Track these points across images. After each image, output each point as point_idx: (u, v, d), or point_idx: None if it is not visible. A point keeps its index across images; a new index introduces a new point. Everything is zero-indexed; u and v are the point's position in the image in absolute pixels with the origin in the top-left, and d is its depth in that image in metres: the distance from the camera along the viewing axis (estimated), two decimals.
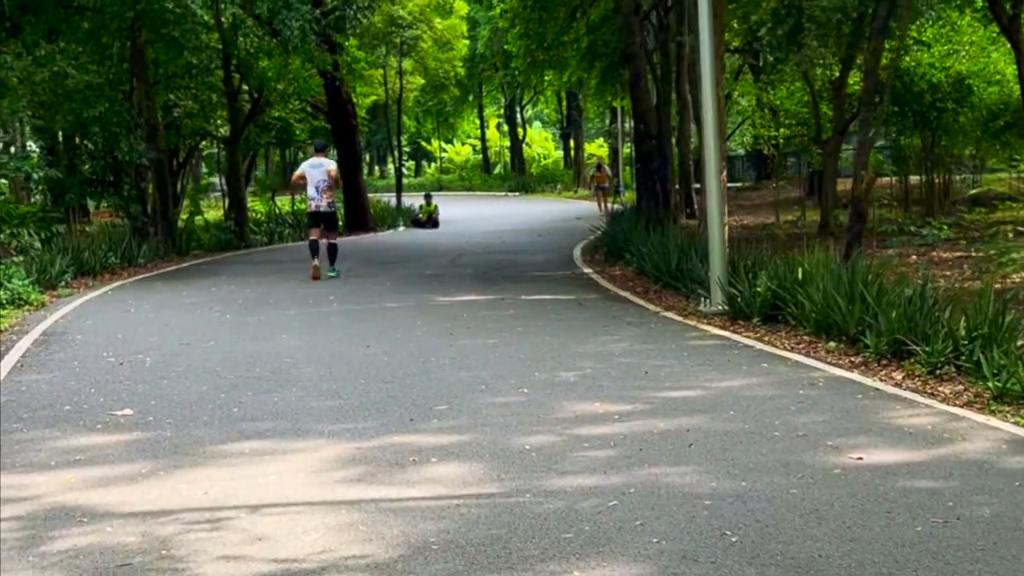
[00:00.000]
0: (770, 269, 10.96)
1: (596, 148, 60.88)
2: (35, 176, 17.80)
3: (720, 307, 11.47)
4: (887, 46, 26.17)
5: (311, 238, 16.75)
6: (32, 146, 27.12)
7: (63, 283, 16.20)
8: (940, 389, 7.68)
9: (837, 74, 24.54)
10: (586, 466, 5.96)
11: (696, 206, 31.11)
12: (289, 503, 5.53)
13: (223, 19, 23.95)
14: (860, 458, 5.93)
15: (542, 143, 68.64)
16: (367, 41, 35.65)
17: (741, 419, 6.90)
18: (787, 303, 10.33)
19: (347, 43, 28.95)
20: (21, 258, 16.26)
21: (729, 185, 39.93)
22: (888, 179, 28.84)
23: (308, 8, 22.90)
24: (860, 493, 5.32)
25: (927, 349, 8.10)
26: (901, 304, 8.75)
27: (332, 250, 16.75)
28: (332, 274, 16.54)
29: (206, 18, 21.98)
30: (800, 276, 10.29)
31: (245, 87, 26.74)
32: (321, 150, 17.70)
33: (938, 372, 7.96)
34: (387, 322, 11.83)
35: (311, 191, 16.61)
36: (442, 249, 22.27)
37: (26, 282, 14.68)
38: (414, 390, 8.16)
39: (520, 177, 56.57)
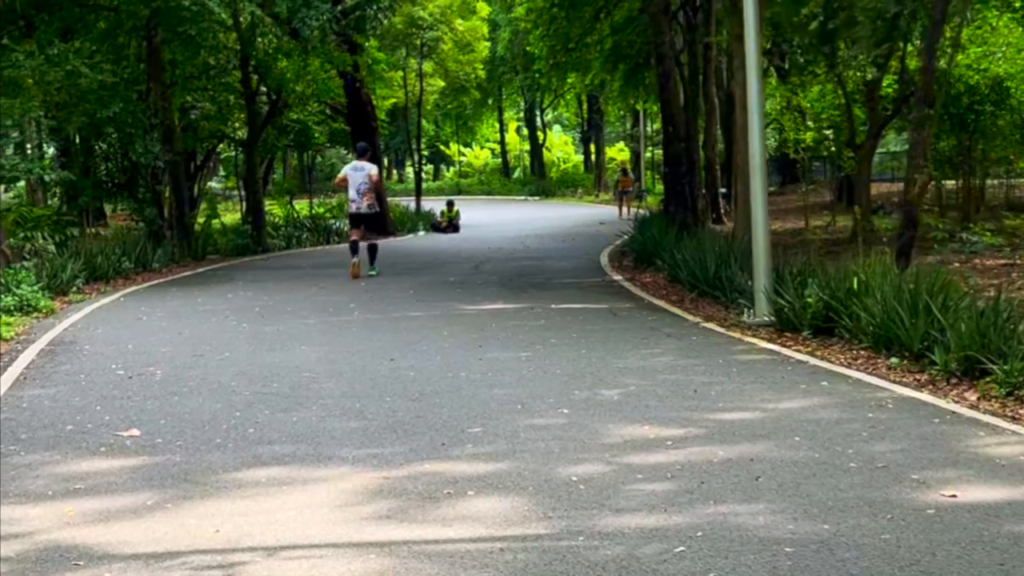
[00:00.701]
0: (821, 278, 10.28)
1: (616, 152, 60.23)
2: (47, 178, 17.25)
3: (765, 318, 10.80)
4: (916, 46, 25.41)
5: (352, 239, 17.27)
6: (48, 147, 26.70)
7: (74, 288, 15.63)
8: (1022, 412, 6.99)
9: (870, 76, 23.87)
10: (643, 502, 5.31)
11: (722, 211, 30.46)
12: (311, 544, 4.89)
13: (241, 19, 23.44)
14: (954, 495, 5.25)
15: (562, 147, 68.01)
16: (387, 43, 35.12)
17: (809, 446, 6.24)
18: (840, 315, 9.65)
19: (367, 44, 28.41)
20: (31, 262, 15.71)
21: None
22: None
23: (328, 7, 22.34)
24: (964, 540, 4.65)
25: (1004, 367, 7.42)
26: (972, 317, 8.06)
27: (372, 250, 17.25)
28: (373, 272, 17.05)
29: (223, 16, 21.45)
30: (855, 286, 9.60)
31: (263, 88, 26.22)
32: (363, 154, 17.83)
33: (1017, 393, 7.27)
34: (411, 333, 11.21)
35: (352, 193, 16.97)
36: (465, 254, 21.65)
37: (35, 288, 14.14)
38: (444, 410, 7.53)
39: (540, 181, 55.92)
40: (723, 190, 32.02)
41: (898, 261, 11.55)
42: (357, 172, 16.99)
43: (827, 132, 29.61)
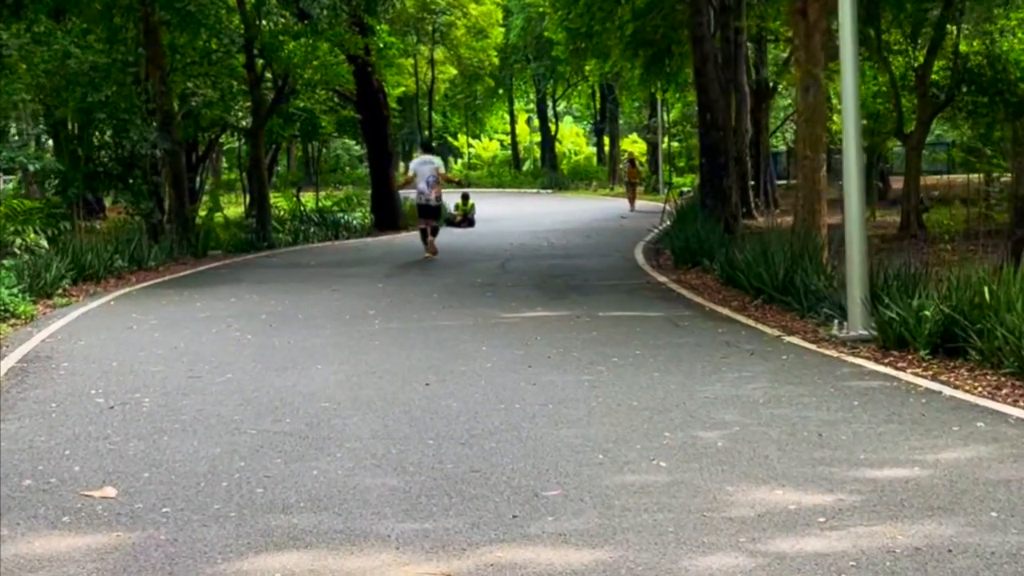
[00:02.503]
0: (942, 287, 8.65)
1: (630, 144, 58.53)
2: (31, 168, 15.65)
3: (863, 332, 9.16)
4: (965, 29, 23.77)
5: (421, 227, 18.63)
6: (47, 137, 25.07)
7: (60, 290, 14.04)
8: None
9: (920, 60, 22.25)
10: None
11: (752, 205, 28.84)
12: None
13: None
14: None
15: (573, 138, 66.34)
16: (398, 28, 33.49)
17: (1018, 529, 4.61)
18: (968, 332, 8.01)
19: (379, 27, 26.74)
20: (11, 261, 14.10)
21: (778, 182, 37.44)
22: (973, 176, 26.49)
23: None
24: None
25: None
26: None
27: (435, 231, 18.56)
28: (432, 253, 18.31)
29: None
30: (987, 297, 7.98)
31: (268, 75, 24.57)
32: (428, 148, 19.77)
33: None
34: (443, 347, 9.59)
35: (421, 186, 17.89)
36: (486, 252, 20.02)
37: (15, 290, 12.54)
38: (504, 459, 5.91)
39: (552, 174, 54.21)
40: (752, 183, 30.45)
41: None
42: (424, 166, 18.02)
43: (870, 123, 28.04)
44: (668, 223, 26.20)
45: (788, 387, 7.57)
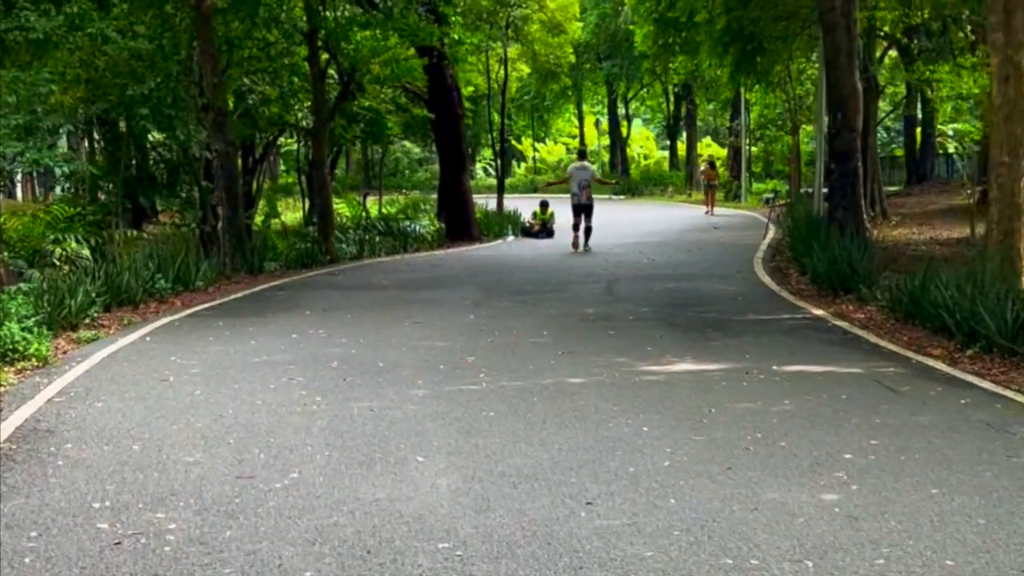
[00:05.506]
0: None
1: (703, 147, 55.57)
2: (58, 171, 13.29)
3: None
4: None
5: (574, 222, 20.99)
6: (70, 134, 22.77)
7: (87, 320, 11.64)
8: None
9: None
10: None
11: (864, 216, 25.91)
12: None
13: None
14: None
15: (643, 141, 63.52)
16: (470, 21, 30.91)
17: None
18: None
19: (453, 17, 24.19)
20: (28, 285, 11.72)
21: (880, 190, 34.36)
22: None
23: None
24: None
25: None
26: None
27: (588, 232, 20.86)
28: (587, 249, 20.65)
29: None
30: None
31: (332, 71, 22.14)
32: (584, 156, 24.38)
33: None
34: (586, 425, 6.92)
35: (574, 188, 20.80)
36: (581, 270, 17.36)
37: (30, 323, 10.11)
38: None
39: (625, 178, 51.34)
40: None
41: None
42: (580, 171, 21.14)
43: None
44: (773, 234, 23.49)
45: None
